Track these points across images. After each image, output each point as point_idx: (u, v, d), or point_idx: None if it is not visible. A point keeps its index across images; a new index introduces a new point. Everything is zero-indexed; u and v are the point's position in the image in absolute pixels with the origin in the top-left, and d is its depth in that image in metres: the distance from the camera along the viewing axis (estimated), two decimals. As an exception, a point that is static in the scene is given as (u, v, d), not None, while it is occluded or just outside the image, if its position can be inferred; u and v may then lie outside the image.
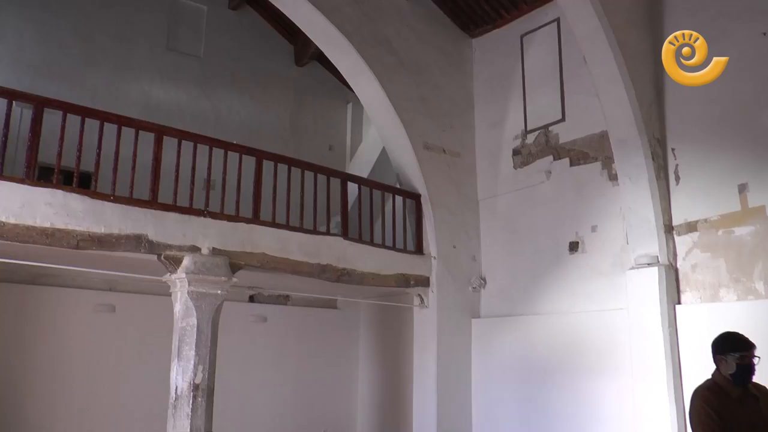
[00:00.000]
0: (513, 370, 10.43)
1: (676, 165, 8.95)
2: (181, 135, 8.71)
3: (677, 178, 8.93)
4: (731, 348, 3.99)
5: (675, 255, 8.80)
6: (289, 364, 12.58)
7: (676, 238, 8.82)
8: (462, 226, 11.46)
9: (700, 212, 8.62)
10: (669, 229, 8.84)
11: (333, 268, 9.73)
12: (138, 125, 8.37)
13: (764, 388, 4.03)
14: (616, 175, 9.35)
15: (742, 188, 8.24)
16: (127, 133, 8.19)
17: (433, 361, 10.70)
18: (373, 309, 13.35)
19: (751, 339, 4.28)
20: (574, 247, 10.07)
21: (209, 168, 8.75)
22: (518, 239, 10.97)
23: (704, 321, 8.12)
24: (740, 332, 4.43)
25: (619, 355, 8.96)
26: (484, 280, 11.42)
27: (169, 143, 8.52)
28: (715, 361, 4.03)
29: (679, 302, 8.62)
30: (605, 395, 9.12)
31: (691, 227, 8.70)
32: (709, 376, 4.05)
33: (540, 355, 10.06)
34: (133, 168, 8.09)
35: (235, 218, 8.83)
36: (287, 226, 9.34)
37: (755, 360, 4.00)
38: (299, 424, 12.45)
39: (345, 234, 10.13)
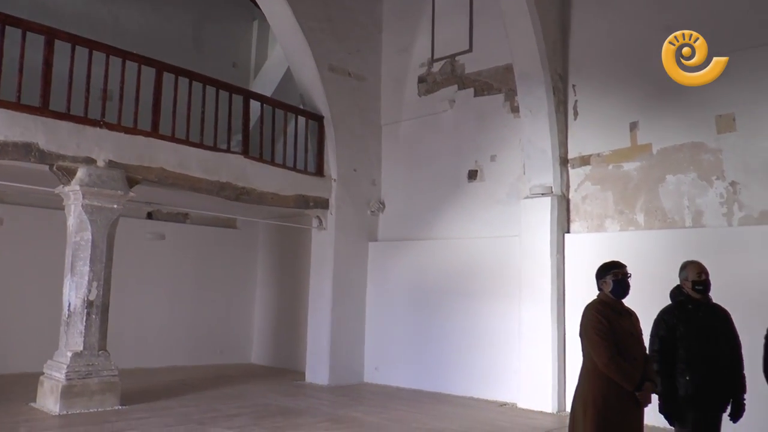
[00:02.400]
0: (408, 293, 10.79)
1: (576, 101, 9.31)
2: (75, 40, 8.21)
3: (575, 114, 9.30)
4: (608, 270, 4.56)
5: (568, 186, 9.25)
6: (186, 283, 12.50)
7: (570, 171, 9.27)
8: (363, 150, 11.54)
9: (594, 147, 9.06)
10: (564, 161, 9.26)
11: (232, 187, 9.63)
12: (26, 26, 7.80)
13: (633, 311, 4.59)
14: (517, 107, 9.62)
15: (633, 126, 8.70)
16: (13, 34, 7.63)
17: (329, 282, 10.89)
18: (272, 230, 13.36)
19: (630, 265, 4.73)
20: (472, 175, 10.37)
21: (106, 77, 8.35)
22: (419, 165, 11.17)
23: (590, 249, 8.66)
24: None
25: (509, 279, 9.45)
26: (383, 204, 11.61)
27: (62, 48, 8.02)
28: (599, 286, 4.57)
29: (568, 231, 9.14)
30: (494, 316, 9.63)
31: (584, 160, 9.14)
32: (596, 297, 4.57)
33: (434, 278, 10.44)
34: (20, 71, 7.57)
35: (132, 131, 8.52)
36: (187, 142, 9.12)
37: (628, 277, 4.56)
38: (195, 343, 12.50)
39: (246, 152, 10.00)
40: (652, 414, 4.58)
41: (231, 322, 13.19)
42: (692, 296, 4.69)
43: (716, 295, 4.77)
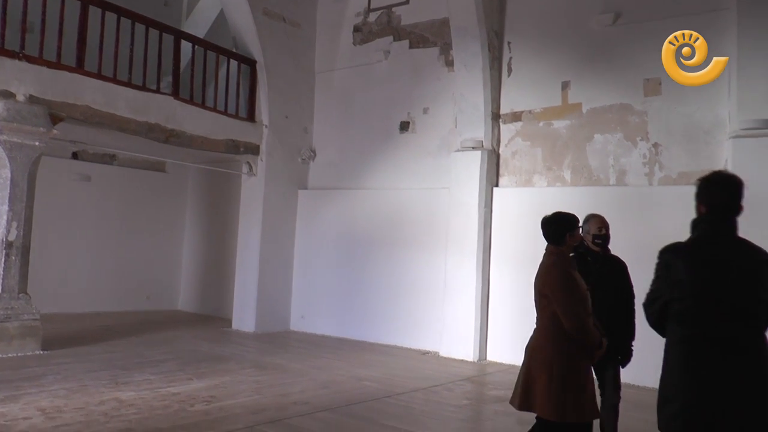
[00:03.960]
0: (336, 242, 10.85)
1: (510, 58, 9.41)
2: (-14, -37, 7.74)
3: (509, 70, 9.40)
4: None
5: (498, 141, 9.40)
6: (112, 227, 12.19)
7: (502, 126, 9.42)
8: (296, 97, 11.39)
9: (526, 104, 9.22)
10: (496, 116, 9.39)
11: (161, 128, 9.37)
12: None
13: None
14: (452, 61, 9.64)
15: (565, 85, 8.87)
16: None
17: (258, 229, 10.83)
18: (202, 174, 13.13)
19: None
20: (404, 126, 10.41)
21: (25, 7, 7.91)
22: (351, 115, 11.13)
23: (517, 203, 8.91)
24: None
25: (436, 231, 9.62)
26: (314, 152, 11.55)
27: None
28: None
29: (497, 185, 9.33)
30: (420, 267, 9.82)
31: (516, 117, 9.29)
32: (552, 250, 4.12)
33: (363, 228, 10.52)
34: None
35: (56, 65, 8.14)
36: (114, 80, 8.79)
37: None
38: (121, 288, 12.26)
39: (176, 94, 9.73)
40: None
41: (158, 268, 12.99)
42: (591, 248, 4.82)
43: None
